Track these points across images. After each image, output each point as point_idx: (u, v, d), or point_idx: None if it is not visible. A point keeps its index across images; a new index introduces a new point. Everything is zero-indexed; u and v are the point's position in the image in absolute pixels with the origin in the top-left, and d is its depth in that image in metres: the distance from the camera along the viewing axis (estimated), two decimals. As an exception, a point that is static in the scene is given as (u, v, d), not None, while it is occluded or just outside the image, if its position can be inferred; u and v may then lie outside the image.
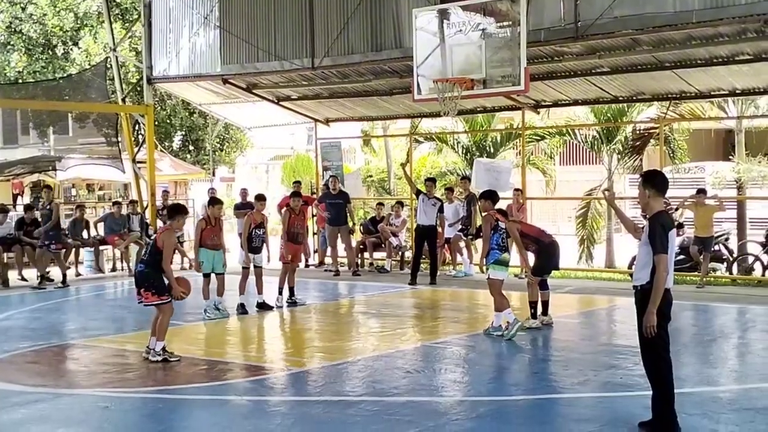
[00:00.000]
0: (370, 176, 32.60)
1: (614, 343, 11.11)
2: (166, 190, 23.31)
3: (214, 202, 13.34)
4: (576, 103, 18.54)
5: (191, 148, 33.77)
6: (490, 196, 11.24)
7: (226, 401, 8.16)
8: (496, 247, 11.05)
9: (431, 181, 17.62)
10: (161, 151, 28.20)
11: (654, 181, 6.80)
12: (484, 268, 11.42)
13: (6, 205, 19.60)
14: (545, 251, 11.78)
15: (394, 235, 19.20)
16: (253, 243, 13.35)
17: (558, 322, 12.19)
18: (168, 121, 31.63)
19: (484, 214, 11.22)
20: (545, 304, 11.86)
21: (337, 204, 18.33)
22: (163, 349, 9.80)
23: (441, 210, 16.93)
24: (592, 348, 10.53)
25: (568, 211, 25.29)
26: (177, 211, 10.18)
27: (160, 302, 9.82)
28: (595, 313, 13.80)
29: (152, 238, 9.64)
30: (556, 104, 18.65)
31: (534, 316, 11.66)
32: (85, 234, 19.58)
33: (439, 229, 17.39)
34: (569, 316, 13.08)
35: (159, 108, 29.21)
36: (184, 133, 33.21)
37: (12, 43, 30.97)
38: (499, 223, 11.05)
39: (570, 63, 16.06)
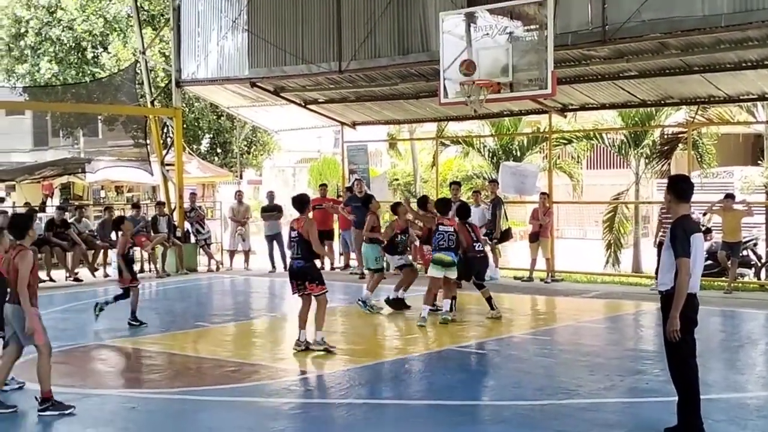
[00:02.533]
0: (396, 179, 32.64)
1: (640, 348, 11.05)
2: (193, 193, 23.47)
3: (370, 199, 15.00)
4: (603, 107, 18.44)
5: (219, 150, 33.98)
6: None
7: (251, 403, 8.21)
8: (436, 247, 12.19)
9: (456, 184, 17.60)
10: (189, 153, 28.39)
11: (675, 187, 6.81)
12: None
13: (34, 207, 19.82)
14: (466, 260, 12.60)
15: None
16: (398, 248, 13.78)
17: (584, 326, 12.15)
18: (196, 123, 31.84)
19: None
20: (489, 300, 12.74)
21: (360, 207, 18.23)
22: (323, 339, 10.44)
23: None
24: (618, 353, 10.47)
25: (595, 215, 25.20)
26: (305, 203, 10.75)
27: (322, 292, 10.43)
28: (622, 318, 13.71)
29: (295, 231, 10.34)
30: (583, 108, 18.56)
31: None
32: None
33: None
34: (595, 320, 13.02)
35: (187, 111, 29.40)
36: (211, 135, 33.42)
37: (42, 48, 31.30)
38: (440, 226, 12.23)
39: (597, 66, 15.98)
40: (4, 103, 29.13)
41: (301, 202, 10.64)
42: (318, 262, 11.95)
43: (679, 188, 6.79)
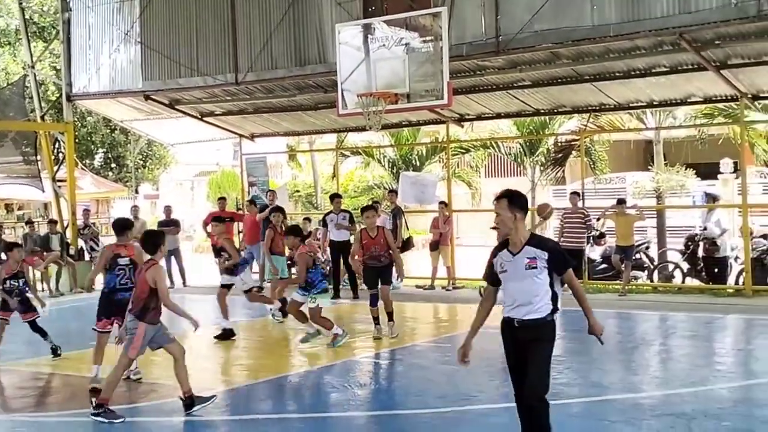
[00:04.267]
0: (297, 191, 32.49)
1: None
2: (87, 209, 22.83)
3: (277, 209, 14.79)
4: (499, 116, 18.76)
5: (113, 165, 33.20)
6: (294, 231, 11.82)
7: (150, 422, 8.01)
8: (322, 278, 11.52)
9: (337, 197, 17.62)
10: (82, 169, 27.65)
11: (520, 202, 5.99)
12: (308, 299, 11.49)
13: None
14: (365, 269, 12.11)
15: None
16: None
17: (485, 333, 12.24)
18: (89, 138, 31.07)
19: (297, 252, 11.49)
20: (376, 319, 12.11)
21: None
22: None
23: (352, 221, 16.83)
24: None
25: (493, 222, 25.58)
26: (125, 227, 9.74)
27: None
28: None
29: (125, 258, 9.27)
30: (479, 118, 18.83)
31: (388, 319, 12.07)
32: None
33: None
34: (496, 327, 13.08)
35: (79, 125, 28.64)
36: (105, 150, 32.64)
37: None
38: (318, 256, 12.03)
39: (492, 77, 16.25)
40: None
41: (123, 226, 9.69)
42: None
43: (525, 202, 6.04)
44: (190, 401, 8.10)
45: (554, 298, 5.95)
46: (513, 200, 5.91)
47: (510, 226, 5.87)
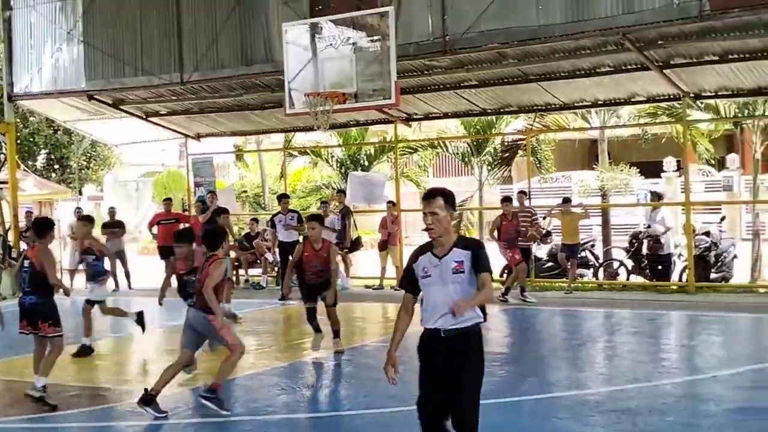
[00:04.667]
0: (245, 191, 32.23)
1: (488, 350, 11.22)
2: (29, 211, 22.43)
3: (220, 212, 14.71)
4: (446, 116, 18.84)
5: (56, 166, 32.61)
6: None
7: (95, 428, 7.88)
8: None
9: (284, 197, 17.54)
10: (24, 170, 27.10)
11: (449, 198, 5.41)
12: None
13: None
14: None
15: (269, 250, 19.02)
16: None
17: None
18: (31, 139, 30.47)
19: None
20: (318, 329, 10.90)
21: (214, 219, 17.70)
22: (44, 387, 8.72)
23: (300, 221, 16.74)
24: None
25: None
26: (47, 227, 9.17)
27: (56, 334, 8.89)
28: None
29: (27, 260, 8.71)
30: (427, 117, 18.89)
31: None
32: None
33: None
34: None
35: (21, 126, 28.10)
36: (48, 151, 32.05)
37: None
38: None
39: (440, 76, 16.31)
40: None
41: (42, 225, 9.04)
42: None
43: (455, 200, 5.52)
44: (150, 399, 7.97)
45: (482, 306, 5.42)
46: (448, 198, 5.35)
47: (446, 226, 5.30)
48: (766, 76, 14.58)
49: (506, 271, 16.46)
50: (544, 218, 17.03)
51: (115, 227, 19.41)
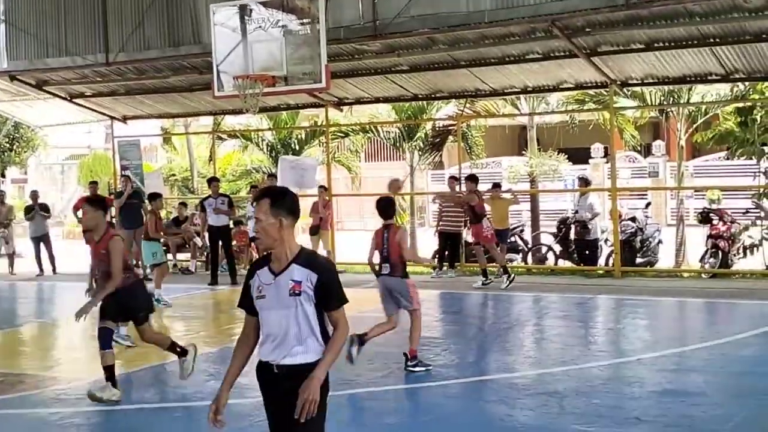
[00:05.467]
0: (173, 175, 31.78)
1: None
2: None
3: (155, 196, 14.34)
4: (378, 100, 18.79)
5: (-22, 148, 31.68)
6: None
7: (17, 415, 7.68)
8: None
9: (214, 180, 17.34)
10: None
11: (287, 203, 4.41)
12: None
13: None
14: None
15: (198, 235, 18.78)
16: None
17: (365, 317, 12.28)
18: (-51, 120, 29.52)
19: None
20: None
21: (131, 204, 17.37)
22: None
23: (231, 205, 16.63)
24: (397, 341, 10.65)
25: (373, 207, 25.73)
26: None
27: None
28: (400, 307, 13.99)
29: None
30: (358, 102, 18.81)
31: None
32: None
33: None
34: (376, 310, 13.19)
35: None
36: (-31, 133, 31.09)
37: None
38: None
39: (370, 61, 16.25)
40: None
41: None
42: None
43: (293, 203, 4.45)
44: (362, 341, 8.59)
45: (326, 336, 4.40)
46: (277, 201, 4.34)
47: (273, 236, 4.31)
48: (690, 64, 14.85)
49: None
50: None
51: (42, 211, 18.97)
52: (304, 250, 4.42)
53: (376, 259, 9.21)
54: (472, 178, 15.74)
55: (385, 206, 9.05)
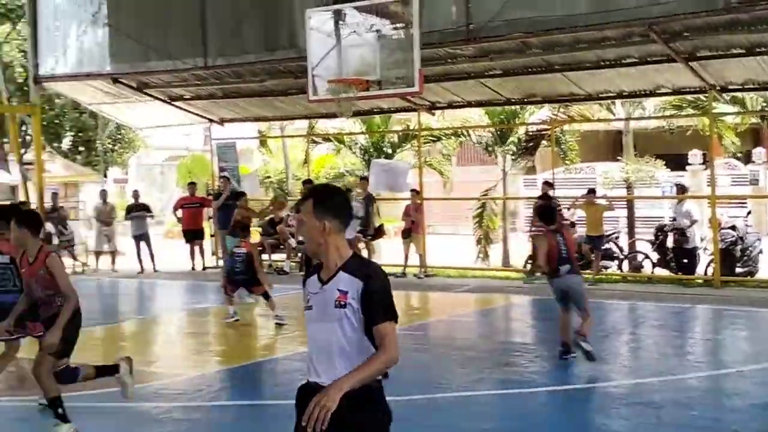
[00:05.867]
0: (268, 177, 32.33)
1: (510, 340, 11.28)
2: (55, 193, 22.59)
3: (240, 195, 15.35)
4: (470, 104, 18.74)
5: (82, 149, 32.83)
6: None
7: (119, 408, 7.93)
8: None
9: (306, 183, 17.57)
10: (50, 152, 27.31)
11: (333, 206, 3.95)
12: None
13: None
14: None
15: (293, 236, 19.04)
16: None
17: (456, 321, 12.31)
18: (57, 121, 30.66)
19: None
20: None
21: (228, 205, 17.73)
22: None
23: None
24: (489, 346, 10.65)
25: (465, 211, 25.62)
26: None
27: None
28: (492, 312, 13.98)
29: (5, 256, 7.55)
30: (450, 106, 18.81)
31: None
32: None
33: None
34: (467, 314, 13.22)
35: (47, 108, 28.27)
36: (74, 133, 32.24)
37: None
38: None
39: (463, 65, 16.22)
40: None
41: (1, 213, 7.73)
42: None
43: (341, 204, 4.02)
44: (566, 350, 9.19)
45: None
46: (321, 202, 3.91)
47: (317, 240, 3.88)
48: (794, 70, 14.41)
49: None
50: (569, 209, 16.93)
51: (138, 210, 19.53)
52: (356, 256, 3.94)
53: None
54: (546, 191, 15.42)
55: (550, 213, 9.36)
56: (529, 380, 8.50)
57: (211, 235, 20.46)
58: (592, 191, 16.72)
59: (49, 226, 19.60)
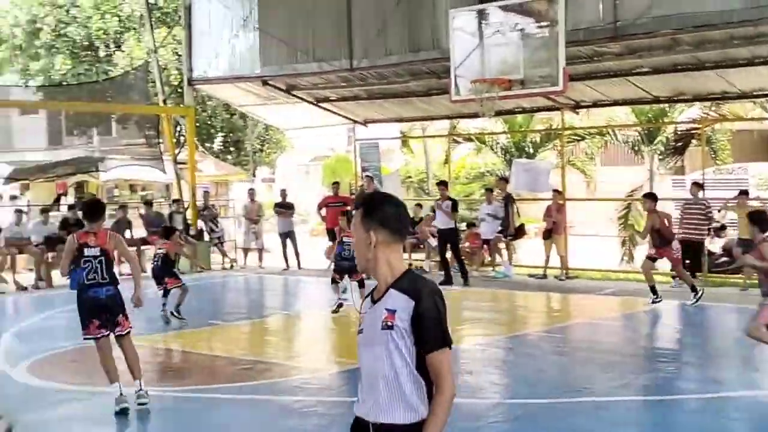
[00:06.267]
0: (409, 177, 32.62)
1: (655, 346, 11.00)
2: (206, 191, 23.52)
3: None
4: (616, 103, 18.38)
5: (232, 149, 34.04)
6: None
7: (263, 400, 8.20)
8: None
9: (440, 184, 17.60)
10: (203, 152, 28.43)
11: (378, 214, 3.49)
12: None
13: (48, 206, 19.91)
14: None
15: (433, 236, 19.14)
16: None
17: (598, 324, 12.11)
18: (209, 122, 31.91)
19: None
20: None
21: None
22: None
23: (454, 209, 16.76)
24: (633, 351, 10.42)
25: (609, 212, 25.10)
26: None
27: (130, 329, 8.00)
28: (636, 316, 13.62)
29: (94, 248, 7.53)
30: (595, 105, 18.49)
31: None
32: (128, 234, 19.76)
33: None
34: (610, 318, 12.96)
35: (200, 110, 29.47)
36: (224, 134, 33.47)
37: (57, 46, 31.52)
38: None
39: (609, 63, 15.92)
40: (18, 103, 29.37)
41: (94, 209, 7.85)
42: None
43: (395, 213, 3.52)
44: None
45: (427, 388, 3.37)
46: (369, 211, 3.47)
47: (365, 254, 3.45)
48: None
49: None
50: (719, 211, 16.33)
51: (286, 208, 20.11)
52: (409, 273, 3.45)
53: None
54: (651, 197, 14.19)
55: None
56: (674, 387, 8.27)
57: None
58: (744, 192, 16.05)
59: (200, 224, 20.46)
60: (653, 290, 13.41)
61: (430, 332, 3.28)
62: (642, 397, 8.17)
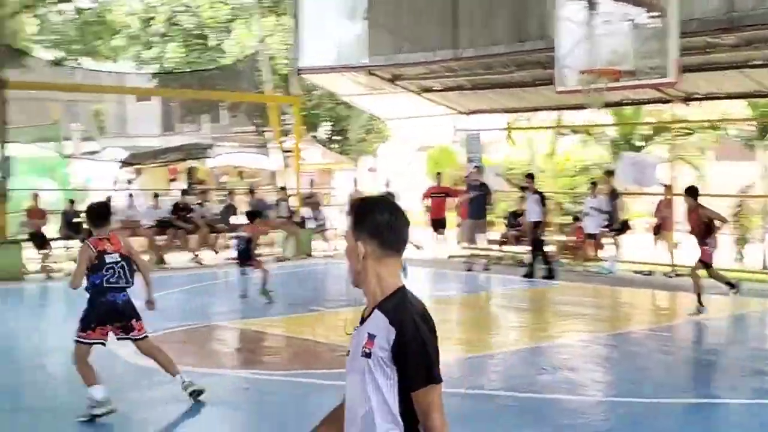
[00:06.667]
0: (512, 169, 32.32)
1: (765, 348, 10.63)
2: (311, 179, 23.87)
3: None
4: (729, 96, 17.78)
5: (337, 138, 34.38)
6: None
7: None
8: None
9: (529, 177, 17.37)
10: (313, 137, 28.74)
11: None
12: None
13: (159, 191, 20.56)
14: None
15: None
16: None
17: (706, 323, 11.78)
18: (314, 111, 32.28)
19: None
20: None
21: (475, 196, 18.09)
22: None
23: (543, 203, 16.54)
24: (741, 353, 10.10)
25: (721, 209, 24.38)
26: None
27: (146, 334, 7.60)
28: (747, 316, 13.16)
29: (114, 254, 7.24)
30: (707, 97, 17.91)
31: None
32: (233, 219, 20.19)
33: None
34: (718, 318, 12.57)
35: (306, 99, 29.86)
36: (330, 123, 33.82)
37: (170, 34, 32.44)
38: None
39: (723, 55, 15.41)
40: (133, 89, 30.43)
41: (99, 214, 7.49)
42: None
43: (386, 223, 3.02)
44: None
45: (407, 418, 2.92)
46: (358, 219, 3.04)
47: (354, 265, 3.05)
48: None
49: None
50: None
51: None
52: (399, 293, 2.99)
53: None
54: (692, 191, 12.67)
55: None
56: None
57: (457, 225, 20.71)
58: None
59: (303, 211, 20.76)
60: (730, 285, 12.53)
61: (413, 367, 2.87)
62: (749, 401, 7.90)
